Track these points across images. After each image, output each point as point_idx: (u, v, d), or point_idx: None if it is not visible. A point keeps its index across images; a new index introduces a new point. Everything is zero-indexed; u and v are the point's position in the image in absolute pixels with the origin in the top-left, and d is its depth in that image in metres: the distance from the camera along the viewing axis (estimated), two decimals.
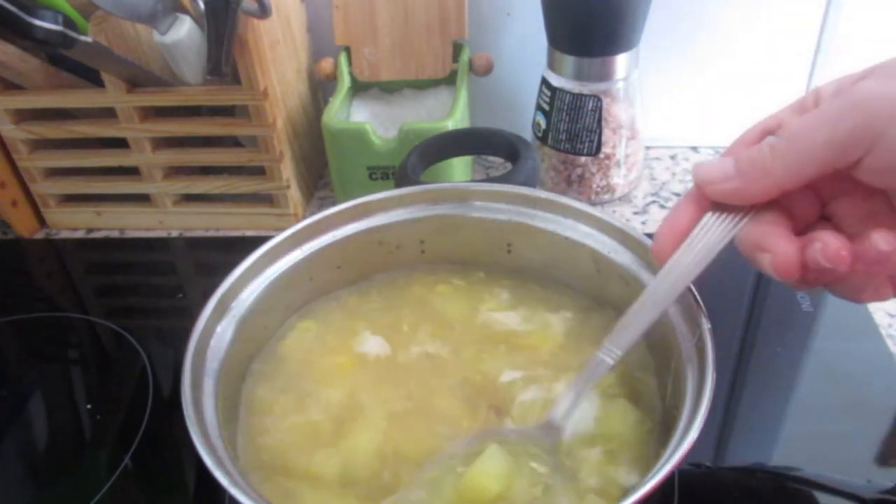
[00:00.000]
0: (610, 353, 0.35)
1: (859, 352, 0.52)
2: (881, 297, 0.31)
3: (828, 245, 0.29)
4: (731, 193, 0.32)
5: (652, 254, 0.35)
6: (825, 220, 0.33)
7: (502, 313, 0.46)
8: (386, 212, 0.47)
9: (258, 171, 0.67)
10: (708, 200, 0.33)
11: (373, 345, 0.44)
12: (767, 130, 0.33)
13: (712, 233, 0.33)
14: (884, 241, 0.28)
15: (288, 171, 0.66)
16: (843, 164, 0.29)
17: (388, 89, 0.71)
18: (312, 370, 0.43)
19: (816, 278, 0.31)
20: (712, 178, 0.32)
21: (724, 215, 0.32)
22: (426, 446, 0.38)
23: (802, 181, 0.30)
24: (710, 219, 0.33)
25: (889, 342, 0.53)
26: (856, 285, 0.31)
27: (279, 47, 0.64)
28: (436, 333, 0.45)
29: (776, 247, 0.30)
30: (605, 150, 0.65)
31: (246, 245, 0.43)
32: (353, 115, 0.69)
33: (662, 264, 0.34)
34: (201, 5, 0.54)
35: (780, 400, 0.49)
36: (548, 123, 0.66)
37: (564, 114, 0.64)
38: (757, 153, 0.30)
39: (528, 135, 0.65)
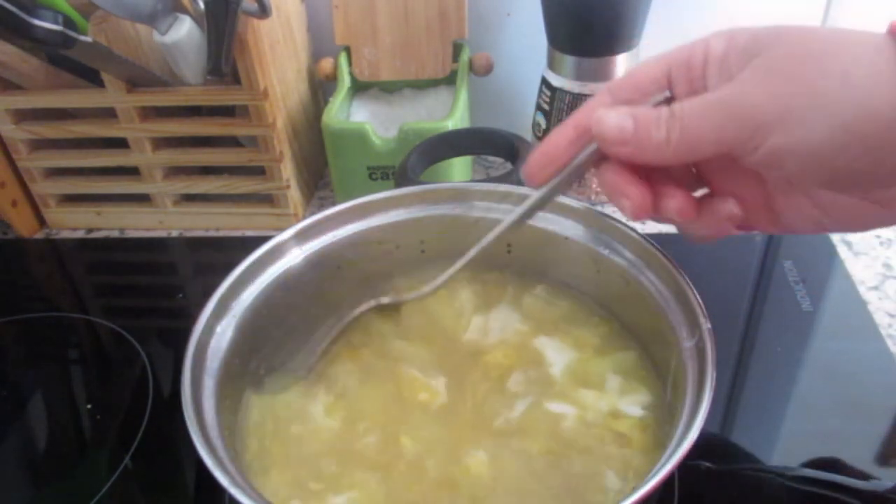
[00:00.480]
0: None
1: (859, 352, 0.52)
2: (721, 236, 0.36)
3: (681, 204, 0.33)
4: (623, 156, 0.33)
5: (524, 174, 0.36)
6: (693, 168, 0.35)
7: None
8: (386, 212, 0.47)
9: (258, 171, 0.67)
10: (589, 135, 0.34)
11: None
12: (657, 83, 0.34)
13: (580, 163, 0.35)
14: (735, 207, 0.34)
15: (288, 171, 0.66)
16: (733, 157, 0.31)
17: (388, 89, 0.71)
18: None
19: (666, 220, 0.35)
20: (610, 136, 0.33)
21: (598, 154, 0.34)
22: None
23: (688, 162, 0.33)
24: (583, 151, 0.34)
25: (889, 342, 0.53)
26: (691, 231, 0.35)
27: (279, 47, 0.64)
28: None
29: (635, 195, 0.33)
30: None
31: (246, 245, 0.43)
32: (353, 115, 0.69)
33: (534, 186, 0.36)
34: (201, 5, 0.54)
35: (780, 400, 0.49)
36: (548, 123, 0.66)
37: (564, 114, 0.64)
38: (654, 128, 0.31)
39: (528, 135, 0.65)
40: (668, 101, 0.33)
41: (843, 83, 0.28)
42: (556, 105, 0.65)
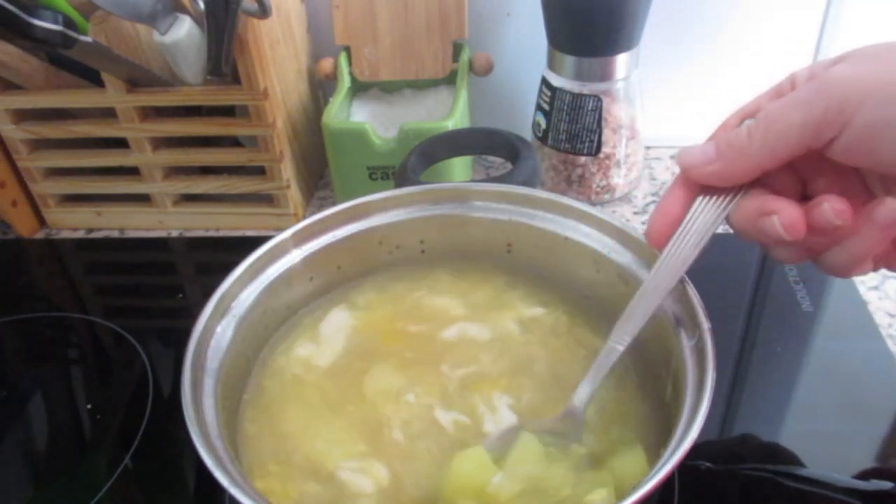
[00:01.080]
0: (620, 340, 0.36)
1: (859, 352, 0.52)
2: (864, 271, 0.34)
3: (834, 203, 0.31)
4: (714, 175, 0.33)
5: (647, 240, 0.36)
6: (806, 198, 0.34)
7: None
8: (386, 212, 0.47)
9: (258, 171, 0.67)
10: (696, 184, 0.34)
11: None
12: (747, 114, 0.34)
13: (705, 214, 0.34)
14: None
15: (288, 171, 0.66)
16: (817, 145, 0.30)
17: (388, 89, 0.71)
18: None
19: (816, 243, 0.33)
20: (694, 162, 0.33)
21: (713, 197, 0.34)
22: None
23: (780, 160, 0.32)
24: (701, 202, 0.34)
25: (889, 342, 0.53)
26: (850, 252, 0.32)
27: (279, 47, 0.64)
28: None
29: (782, 208, 0.32)
30: (605, 150, 0.65)
31: (246, 245, 0.43)
32: (353, 115, 0.69)
33: (659, 249, 0.36)
34: (201, 5, 0.54)
35: (779, 400, 0.49)
36: (548, 123, 0.66)
37: (564, 114, 0.64)
38: (734, 136, 0.32)
39: (528, 135, 0.65)
40: None
41: None
42: (556, 105, 0.65)
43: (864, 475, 0.44)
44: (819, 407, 0.49)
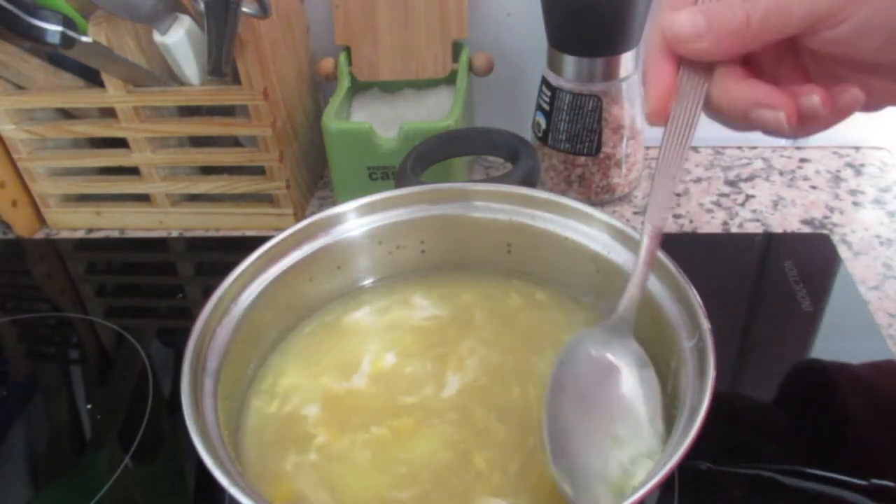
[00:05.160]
0: (653, 220, 0.36)
1: (859, 352, 0.52)
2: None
3: (823, 96, 0.31)
4: (702, 52, 0.32)
5: (649, 119, 0.36)
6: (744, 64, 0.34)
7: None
8: (386, 212, 0.47)
9: (258, 171, 0.67)
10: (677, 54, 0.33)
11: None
12: None
13: (691, 84, 0.34)
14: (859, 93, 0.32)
15: (288, 171, 0.66)
16: (809, 34, 0.31)
17: (388, 89, 0.71)
18: None
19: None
20: (684, 35, 0.32)
21: (695, 68, 0.33)
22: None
23: (767, 45, 0.31)
24: (684, 72, 0.34)
25: (889, 342, 0.53)
26: (810, 131, 0.33)
27: (279, 47, 0.64)
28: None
29: (782, 102, 0.31)
30: (605, 150, 0.65)
31: (246, 245, 0.43)
32: (353, 115, 0.69)
33: (662, 125, 0.35)
34: (201, 5, 0.54)
35: (779, 400, 0.49)
36: (548, 123, 0.66)
37: (564, 114, 0.64)
38: (730, 14, 0.31)
39: (528, 135, 0.65)
40: None
41: None
42: (556, 105, 0.65)
43: (864, 474, 0.44)
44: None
